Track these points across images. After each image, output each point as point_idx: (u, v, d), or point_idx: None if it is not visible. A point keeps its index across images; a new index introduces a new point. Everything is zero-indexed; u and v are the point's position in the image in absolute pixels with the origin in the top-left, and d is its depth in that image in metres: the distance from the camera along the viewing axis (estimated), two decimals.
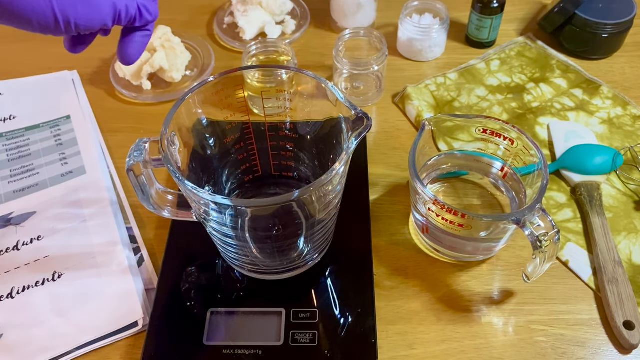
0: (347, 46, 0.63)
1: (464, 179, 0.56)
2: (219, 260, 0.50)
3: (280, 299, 0.47)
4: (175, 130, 0.42)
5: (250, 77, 0.54)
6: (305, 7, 0.78)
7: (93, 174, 0.58)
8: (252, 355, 0.43)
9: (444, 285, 0.49)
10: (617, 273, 0.48)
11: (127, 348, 0.46)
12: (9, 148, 0.61)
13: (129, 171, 0.41)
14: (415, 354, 0.45)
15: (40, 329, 0.46)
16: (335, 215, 0.46)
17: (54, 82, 0.69)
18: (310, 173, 0.51)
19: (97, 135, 0.63)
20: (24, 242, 0.52)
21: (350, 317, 0.45)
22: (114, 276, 0.49)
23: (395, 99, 0.66)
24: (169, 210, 0.45)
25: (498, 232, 0.46)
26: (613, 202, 0.54)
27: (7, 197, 0.56)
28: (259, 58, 0.64)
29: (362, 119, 0.39)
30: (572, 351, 0.45)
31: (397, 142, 0.61)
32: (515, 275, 0.50)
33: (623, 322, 0.45)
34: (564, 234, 0.52)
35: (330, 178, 0.37)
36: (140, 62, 0.67)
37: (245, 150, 0.50)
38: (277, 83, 0.53)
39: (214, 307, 0.46)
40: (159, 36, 0.68)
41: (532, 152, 0.47)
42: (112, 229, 0.53)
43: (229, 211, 0.40)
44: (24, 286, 0.49)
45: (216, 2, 0.80)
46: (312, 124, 0.47)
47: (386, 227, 0.53)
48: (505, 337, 0.46)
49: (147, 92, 0.67)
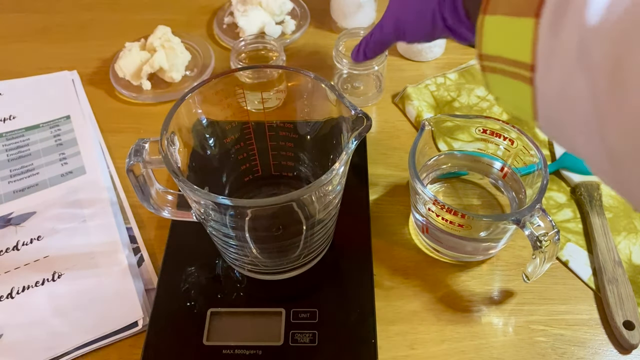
0: (348, 46, 0.63)
1: (464, 179, 0.56)
2: (219, 260, 0.50)
3: (280, 299, 0.47)
4: (175, 130, 0.42)
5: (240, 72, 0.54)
6: (305, 7, 0.78)
7: (93, 174, 0.58)
8: (252, 355, 0.43)
9: (444, 285, 0.49)
10: (617, 273, 0.48)
11: (127, 348, 0.46)
12: (8, 148, 0.61)
13: (129, 171, 0.41)
14: (415, 354, 0.45)
15: (40, 329, 0.46)
16: (335, 215, 0.46)
17: (54, 82, 0.69)
18: (310, 173, 0.51)
19: (97, 135, 0.63)
20: (24, 242, 0.52)
21: (350, 317, 0.45)
22: (113, 276, 0.49)
23: (395, 99, 0.66)
24: (169, 210, 0.45)
25: (498, 232, 0.46)
26: (613, 202, 0.54)
27: (7, 197, 0.56)
28: (247, 54, 0.64)
29: (362, 119, 0.39)
30: (572, 351, 0.45)
31: (397, 142, 0.61)
32: (515, 275, 0.50)
33: (623, 322, 0.45)
34: (564, 234, 0.52)
35: (330, 178, 0.37)
36: (140, 62, 0.67)
37: (245, 150, 0.50)
38: (267, 78, 0.53)
39: (214, 307, 0.46)
40: (158, 36, 0.68)
41: (532, 152, 0.47)
42: (112, 229, 0.53)
43: (229, 211, 0.40)
44: (23, 286, 0.49)
45: (216, 2, 0.80)
46: (312, 124, 0.47)
47: (386, 227, 0.53)
48: (505, 337, 0.46)
49: (147, 92, 0.67)
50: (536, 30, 0.28)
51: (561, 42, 0.27)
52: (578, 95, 0.26)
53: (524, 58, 0.30)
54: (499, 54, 0.32)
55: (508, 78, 0.32)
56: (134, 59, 0.67)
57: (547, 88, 0.29)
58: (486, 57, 0.33)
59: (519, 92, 0.31)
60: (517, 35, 0.30)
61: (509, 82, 0.32)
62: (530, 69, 0.30)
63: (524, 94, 0.31)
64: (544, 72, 0.29)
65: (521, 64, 0.30)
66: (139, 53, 0.68)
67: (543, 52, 0.29)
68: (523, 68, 0.30)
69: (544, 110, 0.30)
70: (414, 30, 0.45)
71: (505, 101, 0.35)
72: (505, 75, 0.32)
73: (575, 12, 0.26)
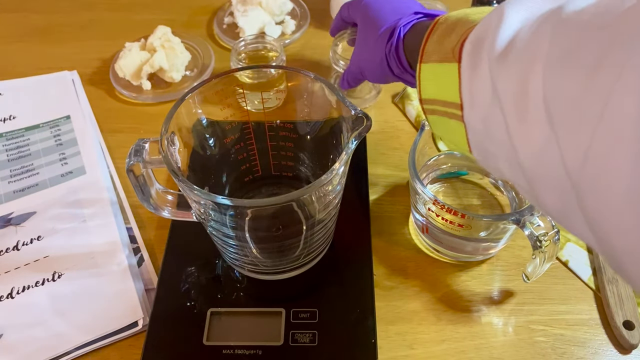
0: (345, 48, 0.63)
1: (464, 179, 0.56)
2: (219, 260, 0.50)
3: (280, 299, 0.47)
4: (175, 130, 0.42)
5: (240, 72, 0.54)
6: (305, 7, 0.78)
7: (93, 174, 0.58)
8: (252, 355, 0.43)
9: (444, 285, 0.49)
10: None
11: (127, 348, 0.46)
12: (9, 148, 0.61)
13: (129, 171, 0.41)
14: (415, 354, 0.45)
15: (40, 329, 0.46)
16: (335, 215, 0.46)
17: (54, 82, 0.69)
18: (310, 173, 0.51)
19: (97, 135, 0.63)
20: (24, 242, 0.52)
21: (350, 317, 0.45)
22: (113, 276, 0.49)
23: (395, 99, 0.66)
24: (169, 210, 0.45)
25: (498, 232, 0.46)
26: None
27: (7, 197, 0.56)
28: (247, 54, 0.64)
29: (362, 119, 0.39)
30: (572, 351, 0.45)
31: (397, 142, 0.61)
32: (515, 275, 0.50)
33: (623, 322, 0.45)
34: (564, 234, 0.52)
35: (330, 178, 0.37)
36: (140, 62, 0.67)
37: (245, 150, 0.50)
38: (267, 78, 0.53)
39: (214, 307, 0.46)
40: (158, 36, 0.68)
41: None
42: (112, 229, 0.53)
43: (229, 211, 0.40)
44: (24, 286, 0.49)
45: (216, 2, 0.80)
46: (312, 124, 0.47)
47: (386, 227, 0.53)
48: (505, 337, 0.46)
49: (147, 92, 0.67)
50: (460, 72, 0.32)
51: (479, 79, 0.30)
52: (497, 127, 0.29)
53: (453, 98, 0.33)
54: (435, 97, 0.36)
55: (445, 118, 0.36)
56: (134, 59, 0.67)
57: (474, 123, 0.32)
58: (425, 101, 0.38)
59: (455, 130, 0.35)
60: (447, 78, 0.34)
61: (446, 121, 0.36)
62: (459, 107, 0.33)
63: (458, 131, 0.34)
64: (469, 108, 0.32)
65: (452, 104, 0.34)
66: (139, 53, 0.68)
67: (466, 91, 0.32)
68: (454, 107, 0.34)
69: (474, 143, 0.34)
70: (372, 75, 0.51)
71: (446, 139, 0.41)
72: (442, 116, 0.36)
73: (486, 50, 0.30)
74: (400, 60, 0.45)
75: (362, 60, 0.51)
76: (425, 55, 0.37)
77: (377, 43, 0.47)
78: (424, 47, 0.37)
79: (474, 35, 0.32)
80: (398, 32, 0.45)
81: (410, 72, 0.45)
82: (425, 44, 0.38)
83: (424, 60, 0.37)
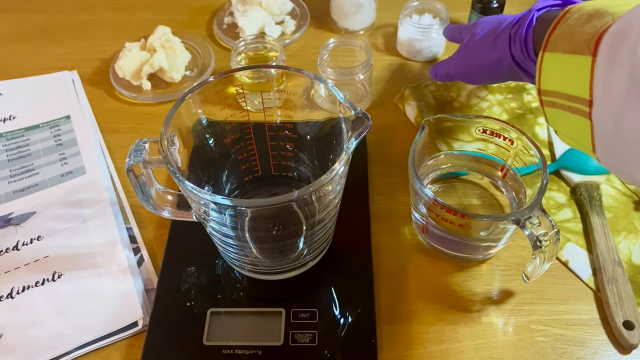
0: (332, 55, 0.63)
1: (464, 179, 0.56)
2: (219, 260, 0.50)
3: (280, 299, 0.47)
4: (175, 130, 0.42)
5: (240, 72, 0.54)
6: (305, 7, 0.78)
7: (93, 174, 0.58)
8: (252, 355, 0.43)
9: (444, 285, 0.49)
10: (617, 273, 0.48)
11: (127, 348, 0.46)
12: (8, 148, 0.61)
13: (129, 171, 0.41)
14: (415, 354, 0.45)
15: (40, 329, 0.46)
16: (335, 215, 0.46)
17: (54, 82, 0.69)
18: (310, 173, 0.51)
19: (97, 136, 0.63)
20: (24, 242, 0.52)
21: (350, 317, 0.45)
22: (113, 276, 0.49)
23: (395, 99, 0.66)
24: (169, 210, 0.45)
25: (498, 232, 0.46)
26: (613, 202, 0.54)
27: (7, 197, 0.56)
28: (247, 54, 0.64)
29: (362, 119, 0.39)
30: (572, 351, 0.45)
31: (397, 142, 0.61)
32: (515, 275, 0.50)
33: (623, 322, 0.45)
34: (564, 234, 0.52)
35: (330, 178, 0.37)
36: (140, 62, 0.67)
37: (245, 150, 0.50)
38: (267, 78, 0.53)
39: (214, 307, 0.46)
40: (158, 36, 0.68)
41: (532, 152, 0.47)
42: (112, 229, 0.53)
43: (229, 211, 0.40)
44: (24, 286, 0.49)
45: (216, 2, 0.80)
46: (312, 124, 0.47)
47: (386, 227, 0.53)
48: (505, 337, 0.46)
49: (147, 92, 0.67)
50: (593, 66, 0.30)
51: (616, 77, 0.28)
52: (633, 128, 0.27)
53: (582, 94, 0.31)
54: (557, 89, 0.34)
55: (567, 113, 0.34)
56: (134, 59, 0.67)
57: (604, 121, 0.30)
58: (545, 92, 0.36)
59: (577, 126, 0.33)
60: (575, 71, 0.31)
61: (567, 116, 0.34)
62: (587, 104, 0.31)
63: (582, 128, 0.32)
64: (600, 106, 0.30)
65: (578, 99, 0.32)
66: (139, 53, 0.68)
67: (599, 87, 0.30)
68: (580, 103, 0.32)
69: (601, 143, 0.32)
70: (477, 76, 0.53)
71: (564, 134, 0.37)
72: (564, 110, 0.34)
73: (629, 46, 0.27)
74: (527, 45, 0.43)
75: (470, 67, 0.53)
76: (550, 44, 0.35)
77: (499, 38, 0.46)
78: (550, 36, 0.35)
79: (615, 29, 0.29)
80: (532, 15, 0.43)
81: (533, 59, 0.43)
82: (552, 32, 0.35)
83: (549, 49, 0.35)
